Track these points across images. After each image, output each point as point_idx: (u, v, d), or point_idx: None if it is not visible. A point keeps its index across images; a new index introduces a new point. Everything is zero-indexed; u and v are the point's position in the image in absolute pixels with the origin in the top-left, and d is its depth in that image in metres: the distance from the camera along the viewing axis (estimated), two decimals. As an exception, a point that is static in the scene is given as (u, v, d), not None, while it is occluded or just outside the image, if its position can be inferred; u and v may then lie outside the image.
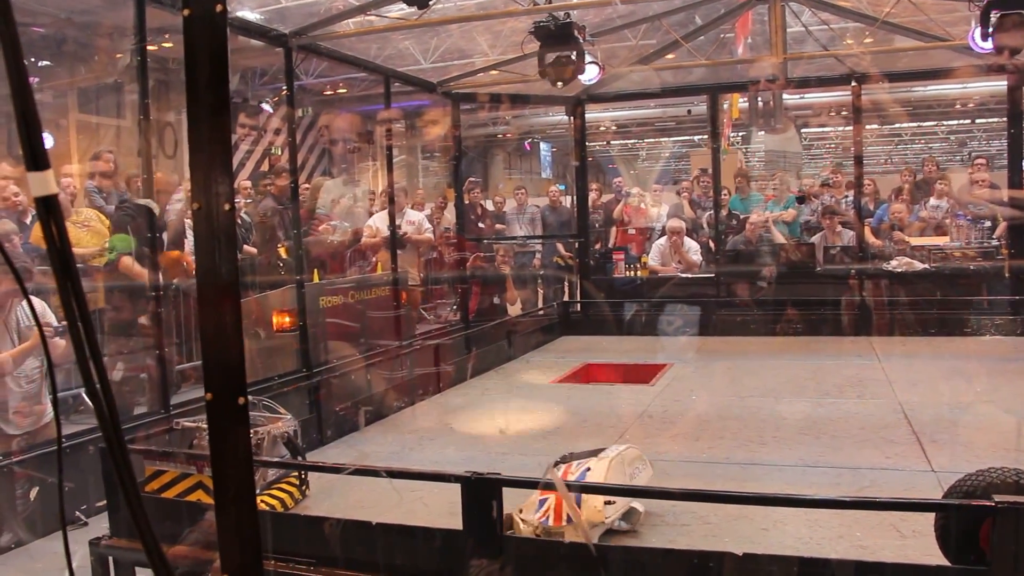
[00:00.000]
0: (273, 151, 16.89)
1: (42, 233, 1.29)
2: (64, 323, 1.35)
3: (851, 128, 11.75)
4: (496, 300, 11.63)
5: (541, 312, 11.85)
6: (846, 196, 12.20)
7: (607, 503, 3.71)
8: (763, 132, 16.24)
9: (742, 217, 11.70)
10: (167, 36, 11.47)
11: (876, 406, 6.49)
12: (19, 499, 4.84)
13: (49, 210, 1.29)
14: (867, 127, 11.14)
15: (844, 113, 17.39)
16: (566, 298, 12.64)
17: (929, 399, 6.62)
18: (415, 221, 11.07)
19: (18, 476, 4.85)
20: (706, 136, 15.35)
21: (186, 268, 6.73)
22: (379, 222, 10.28)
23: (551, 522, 3.54)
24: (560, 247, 13.39)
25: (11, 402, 5.44)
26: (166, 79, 13.18)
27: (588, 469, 3.87)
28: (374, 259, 10.46)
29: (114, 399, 1.40)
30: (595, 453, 4.03)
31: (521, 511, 3.55)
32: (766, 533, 3.92)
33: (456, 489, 3.21)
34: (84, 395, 6.09)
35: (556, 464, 3.91)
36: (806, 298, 10.28)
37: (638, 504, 3.99)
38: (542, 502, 3.62)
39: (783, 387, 7.44)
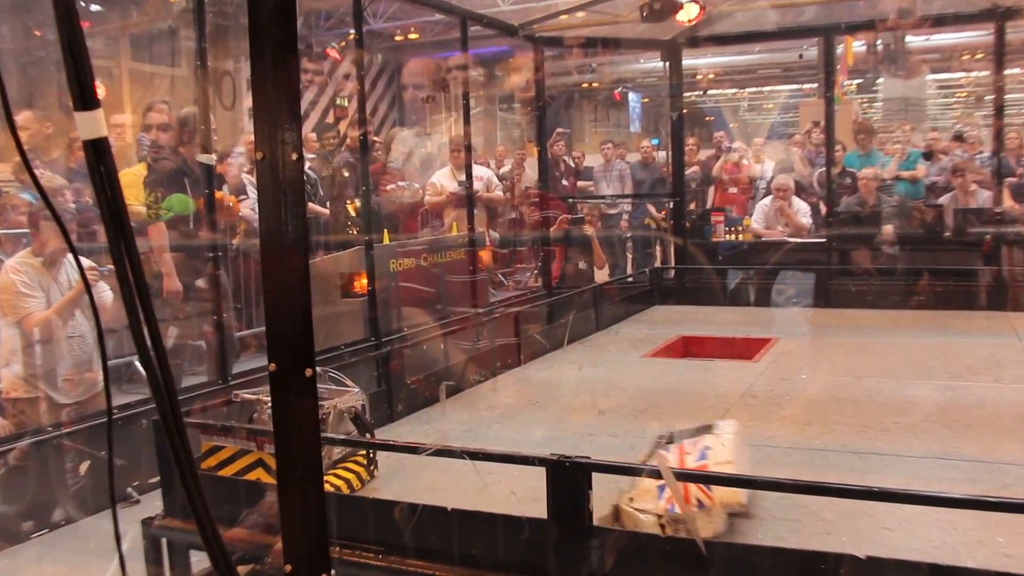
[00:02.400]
0: (339, 101, 17.01)
1: (90, 180, 1.26)
2: (110, 266, 1.31)
3: (989, 74, 11.28)
4: (581, 265, 11.55)
5: (631, 279, 11.73)
6: (981, 152, 11.78)
7: None
8: (886, 78, 15.78)
9: (858, 175, 11.40)
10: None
11: (1017, 392, 6.23)
12: (69, 474, 4.97)
13: (99, 154, 1.27)
14: (1009, 72, 10.60)
15: (980, 56, 16.73)
16: (658, 264, 12.51)
17: (1081, 386, 6.35)
18: (483, 177, 10.96)
19: (67, 449, 4.97)
20: (817, 84, 14.97)
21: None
22: (443, 179, 10.25)
23: (677, 509, 3.46)
24: (651, 208, 13.25)
25: (60, 368, 5.58)
26: (224, 24, 13.34)
27: (707, 447, 3.76)
28: (448, 219, 10.47)
29: (170, 368, 1.38)
30: (706, 429, 3.91)
31: (632, 500, 3.46)
32: (889, 533, 3.79)
33: (540, 473, 3.18)
34: (137, 364, 6.22)
35: (663, 444, 3.80)
36: (932, 267, 9.94)
37: None
38: (662, 488, 3.54)
39: (906, 367, 7.21)
